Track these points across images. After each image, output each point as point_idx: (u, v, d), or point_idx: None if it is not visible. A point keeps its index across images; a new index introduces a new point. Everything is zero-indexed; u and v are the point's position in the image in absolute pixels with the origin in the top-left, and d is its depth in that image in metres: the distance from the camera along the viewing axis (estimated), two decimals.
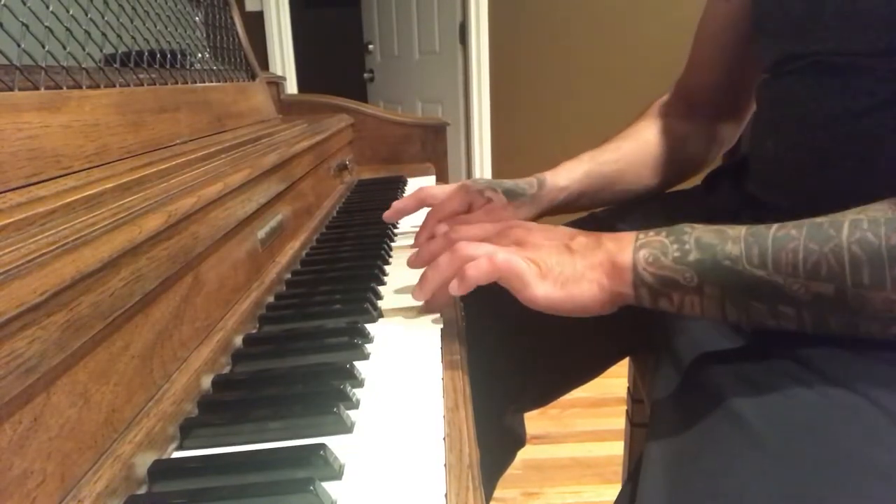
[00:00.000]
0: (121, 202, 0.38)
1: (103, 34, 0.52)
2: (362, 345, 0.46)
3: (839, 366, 0.39)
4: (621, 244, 0.45)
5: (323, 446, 0.33)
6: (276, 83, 1.28)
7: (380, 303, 0.54)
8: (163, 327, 0.40)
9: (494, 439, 0.77)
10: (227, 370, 0.45)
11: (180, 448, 0.37)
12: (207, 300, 0.46)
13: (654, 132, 0.73)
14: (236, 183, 0.53)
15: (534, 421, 1.61)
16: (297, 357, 0.46)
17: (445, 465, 0.32)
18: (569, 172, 0.69)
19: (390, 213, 0.72)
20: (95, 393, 0.32)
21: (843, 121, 0.48)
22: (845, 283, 0.37)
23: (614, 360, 0.75)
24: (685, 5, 2.32)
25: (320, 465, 0.32)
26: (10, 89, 0.38)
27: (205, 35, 0.84)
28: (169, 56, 0.65)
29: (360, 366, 0.43)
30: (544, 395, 0.77)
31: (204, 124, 0.65)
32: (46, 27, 0.43)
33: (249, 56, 0.96)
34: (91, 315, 0.32)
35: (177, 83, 0.63)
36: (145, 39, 0.61)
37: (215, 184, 0.49)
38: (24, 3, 0.41)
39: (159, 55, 0.63)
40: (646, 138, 0.73)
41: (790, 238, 0.39)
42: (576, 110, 2.64)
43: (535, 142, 2.69)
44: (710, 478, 0.37)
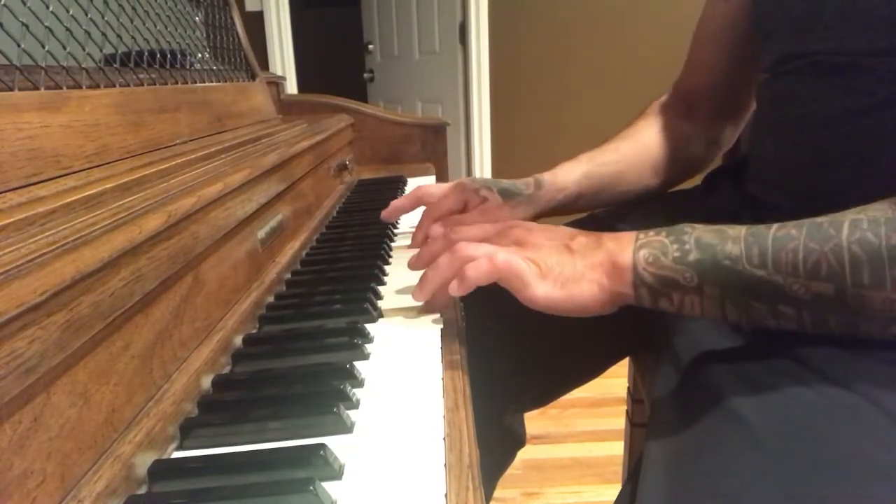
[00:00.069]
0: (121, 202, 0.38)
1: (103, 34, 0.52)
2: (362, 345, 0.46)
3: (839, 366, 0.39)
4: (621, 244, 0.45)
5: (323, 446, 0.33)
6: (276, 83, 1.28)
7: (380, 303, 0.54)
8: (163, 327, 0.40)
9: (494, 439, 0.77)
10: (227, 370, 0.45)
11: (180, 448, 0.37)
12: (207, 300, 0.46)
13: (653, 133, 0.73)
14: (236, 183, 0.53)
15: (534, 421, 1.61)
16: (297, 357, 0.46)
17: (445, 465, 0.32)
18: (567, 173, 0.69)
19: (388, 212, 0.73)
20: (95, 393, 0.32)
21: (843, 121, 0.48)
22: (845, 283, 0.37)
23: (614, 360, 0.75)
24: (685, 5, 2.32)
25: (320, 465, 0.32)
26: (10, 89, 0.38)
27: (205, 35, 0.84)
28: (169, 56, 0.65)
29: (360, 366, 0.43)
30: (544, 395, 0.77)
31: (204, 124, 0.65)
32: (46, 27, 0.43)
33: (249, 56, 0.96)
34: (91, 315, 0.32)
35: (177, 83, 0.63)
36: (145, 39, 0.61)
37: (215, 184, 0.49)
38: (24, 3, 0.41)
39: (159, 55, 0.63)
40: (645, 139, 0.73)
41: (790, 238, 0.39)
42: (576, 110, 2.64)
43: (535, 142, 2.69)
44: (710, 478, 0.37)
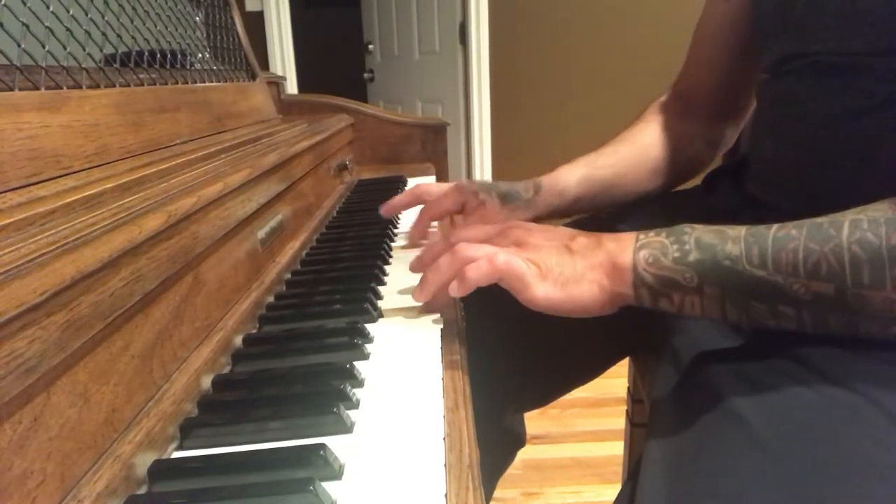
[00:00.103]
0: (121, 202, 0.38)
1: (103, 34, 0.52)
2: (362, 345, 0.46)
3: (839, 366, 0.39)
4: (621, 245, 0.45)
5: (323, 446, 0.33)
6: (276, 83, 1.28)
7: (380, 303, 0.54)
8: (163, 327, 0.40)
9: (494, 439, 0.77)
10: (227, 370, 0.45)
11: (180, 448, 0.37)
12: (207, 300, 0.46)
13: (652, 135, 0.73)
14: (236, 183, 0.53)
15: (534, 421, 1.60)
16: (297, 357, 0.46)
17: (445, 465, 0.32)
18: (565, 177, 0.69)
19: (386, 208, 0.74)
20: (95, 393, 0.32)
21: (843, 121, 0.48)
22: (845, 283, 0.37)
23: (614, 360, 0.75)
24: (685, 5, 2.32)
25: (320, 465, 0.32)
26: (10, 89, 0.38)
27: (205, 35, 0.84)
28: (169, 56, 0.65)
29: (360, 366, 0.43)
30: (544, 396, 0.77)
31: (204, 124, 0.65)
32: (46, 27, 0.43)
33: (249, 56, 0.96)
34: (91, 315, 0.32)
35: (177, 83, 0.63)
36: (145, 39, 0.61)
37: (215, 184, 0.49)
38: (25, 3, 0.41)
39: (159, 55, 0.63)
40: (643, 141, 0.73)
41: (790, 238, 0.39)
42: (576, 110, 2.64)
43: (535, 142, 2.69)
44: (710, 478, 0.37)
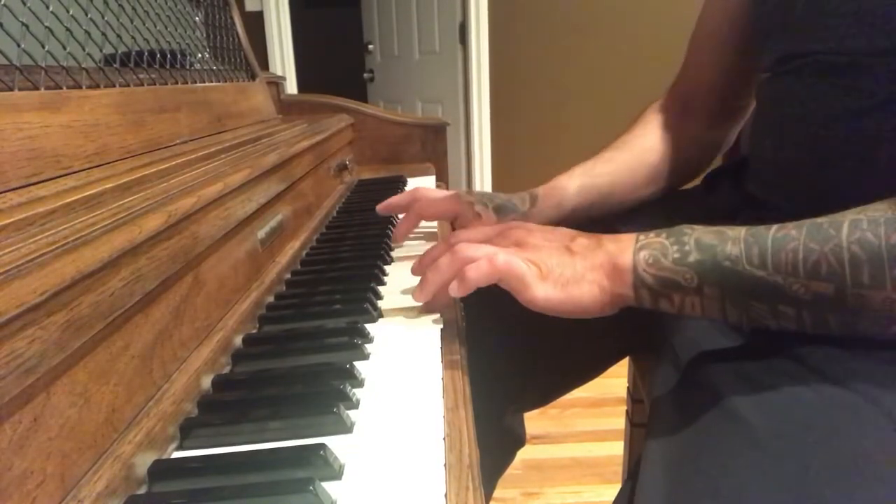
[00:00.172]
0: (121, 202, 0.38)
1: (103, 34, 0.52)
2: (362, 345, 0.46)
3: (839, 365, 0.39)
4: (621, 245, 0.45)
5: (323, 446, 0.33)
6: (276, 83, 1.28)
7: (380, 303, 0.54)
8: (163, 327, 0.40)
9: (494, 439, 0.77)
10: (227, 370, 0.45)
11: (180, 448, 0.37)
12: (207, 300, 0.46)
13: (650, 139, 0.73)
14: (236, 183, 0.53)
15: (534, 421, 1.61)
16: (297, 357, 0.46)
17: (445, 465, 0.32)
18: (562, 188, 0.69)
19: (383, 206, 0.75)
20: (95, 393, 0.32)
21: (843, 121, 0.48)
22: (845, 283, 0.37)
23: (614, 360, 0.75)
24: (685, 5, 2.32)
25: (320, 465, 0.32)
26: (10, 89, 0.38)
27: (205, 35, 0.84)
28: (169, 56, 0.65)
29: (360, 366, 0.43)
30: (544, 396, 0.77)
31: (204, 124, 0.65)
32: (46, 27, 0.43)
33: (249, 56, 0.96)
34: (91, 315, 0.32)
35: (177, 83, 0.63)
36: (145, 39, 0.61)
37: (215, 184, 0.49)
38: (24, 3, 0.41)
39: (159, 55, 0.63)
40: (641, 146, 0.72)
41: (790, 238, 0.39)
42: (575, 110, 2.64)
43: (534, 141, 2.69)
44: (710, 477, 0.37)
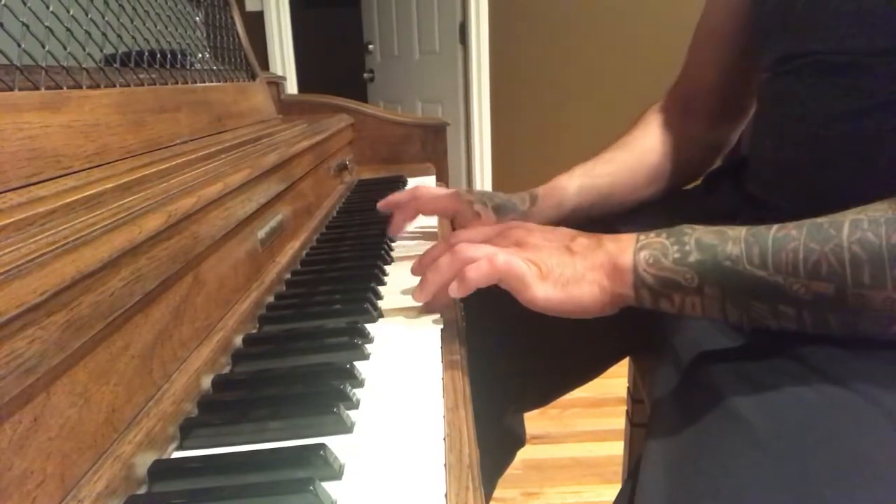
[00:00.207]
0: (121, 202, 0.38)
1: (103, 34, 0.52)
2: (362, 345, 0.46)
3: (839, 365, 0.39)
4: (622, 245, 0.45)
5: (323, 446, 0.33)
6: (276, 83, 1.28)
7: (380, 303, 0.54)
8: (163, 327, 0.40)
9: (494, 440, 0.77)
10: (227, 370, 0.45)
11: (180, 448, 0.37)
12: (207, 300, 0.46)
13: (651, 140, 0.73)
14: (236, 183, 0.53)
15: (534, 421, 1.61)
16: (297, 357, 0.46)
17: (445, 465, 0.32)
18: (562, 187, 0.69)
19: (384, 203, 0.76)
20: (95, 393, 0.32)
21: (843, 121, 0.48)
22: (846, 283, 0.37)
23: (614, 360, 0.75)
24: (685, 5, 2.32)
25: (320, 465, 0.32)
26: (10, 89, 0.38)
27: (205, 35, 0.84)
28: (169, 56, 0.65)
29: (360, 366, 0.43)
30: (544, 396, 0.77)
31: (204, 124, 0.65)
32: (46, 27, 0.43)
33: (249, 56, 0.96)
34: (91, 315, 0.31)
35: (177, 83, 0.63)
36: (145, 39, 0.61)
37: (215, 184, 0.49)
38: (25, 3, 0.41)
39: (159, 55, 0.63)
40: (642, 147, 0.72)
41: (790, 238, 0.39)
42: (576, 110, 2.64)
43: (535, 141, 2.69)
44: (710, 478, 0.37)
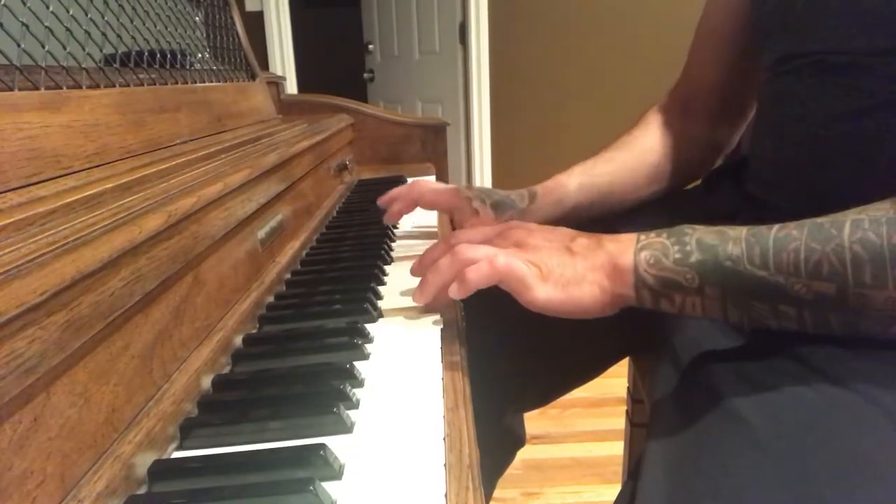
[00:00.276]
0: (121, 202, 0.38)
1: (103, 34, 0.52)
2: (362, 345, 0.46)
3: (839, 365, 0.39)
4: (622, 246, 0.45)
5: (323, 446, 0.33)
6: (276, 83, 1.28)
7: (380, 303, 0.54)
8: (163, 327, 0.40)
9: (494, 440, 0.77)
10: (227, 370, 0.45)
11: (180, 448, 0.37)
12: (207, 300, 0.46)
13: (651, 139, 0.73)
14: (236, 183, 0.53)
15: (534, 421, 1.61)
16: (297, 357, 0.46)
17: (445, 465, 0.32)
18: (561, 186, 0.69)
19: (384, 198, 0.75)
20: (95, 393, 0.32)
21: (843, 121, 0.48)
22: (847, 283, 0.37)
23: (614, 360, 0.75)
24: (685, 5, 2.32)
25: (320, 465, 0.32)
26: (10, 89, 0.38)
27: (205, 35, 0.84)
28: (169, 56, 0.65)
29: (360, 366, 0.43)
30: (544, 396, 0.77)
31: (204, 124, 0.65)
32: (46, 27, 0.43)
33: (249, 56, 0.96)
34: (91, 315, 0.31)
35: (177, 83, 0.63)
36: (145, 39, 0.61)
37: (215, 184, 0.49)
38: (24, 3, 0.41)
39: (159, 55, 0.63)
40: (642, 146, 0.72)
41: (791, 238, 0.39)
42: (576, 110, 2.64)
43: (535, 141, 2.69)
44: (710, 478, 0.37)
